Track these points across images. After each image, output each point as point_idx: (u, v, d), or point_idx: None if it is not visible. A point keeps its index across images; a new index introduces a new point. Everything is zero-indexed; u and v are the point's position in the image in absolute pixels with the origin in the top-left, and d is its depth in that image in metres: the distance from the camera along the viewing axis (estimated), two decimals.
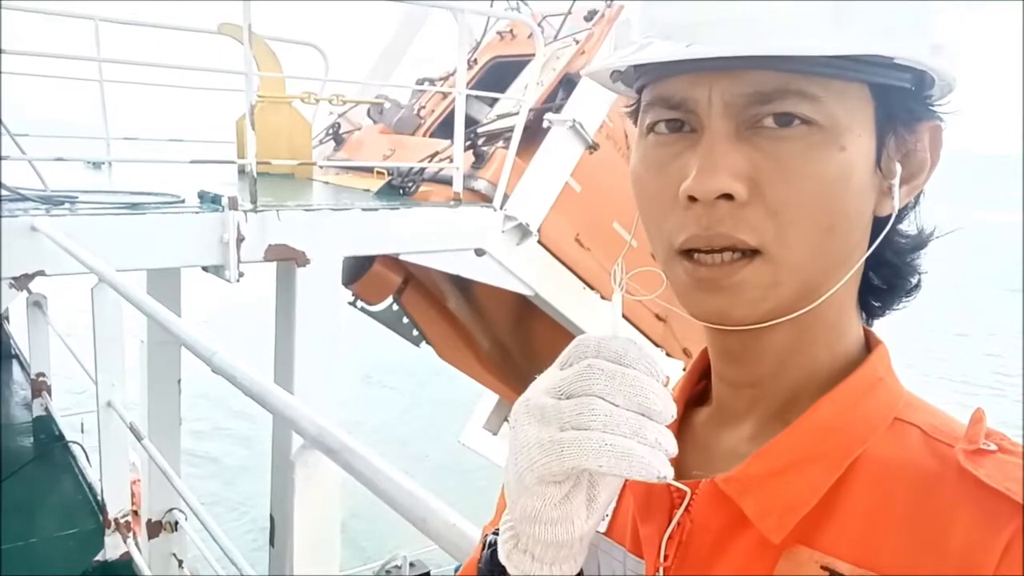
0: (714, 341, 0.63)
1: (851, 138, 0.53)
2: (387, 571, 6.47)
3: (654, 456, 0.46)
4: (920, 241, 0.62)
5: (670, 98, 0.55)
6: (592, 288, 4.35)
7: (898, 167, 0.56)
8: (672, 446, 0.47)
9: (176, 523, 4.08)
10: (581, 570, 0.54)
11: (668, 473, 0.46)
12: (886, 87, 0.54)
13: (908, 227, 0.61)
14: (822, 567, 0.51)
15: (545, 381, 0.50)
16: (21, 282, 2.76)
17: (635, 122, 0.62)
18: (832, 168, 0.52)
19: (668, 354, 4.73)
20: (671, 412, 0.48)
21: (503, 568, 0.52)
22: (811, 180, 0.52)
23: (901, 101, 0.55)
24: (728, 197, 0.52)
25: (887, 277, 0.62)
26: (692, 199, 0.53)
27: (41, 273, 2.75)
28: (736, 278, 0.54)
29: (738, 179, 0.52)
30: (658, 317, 4.76)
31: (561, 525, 0.49)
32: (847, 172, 0.53)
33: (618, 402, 0.47)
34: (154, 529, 4.04)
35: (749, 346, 0.59)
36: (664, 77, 0.55)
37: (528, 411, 0.49)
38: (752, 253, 0.53)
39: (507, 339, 5.27)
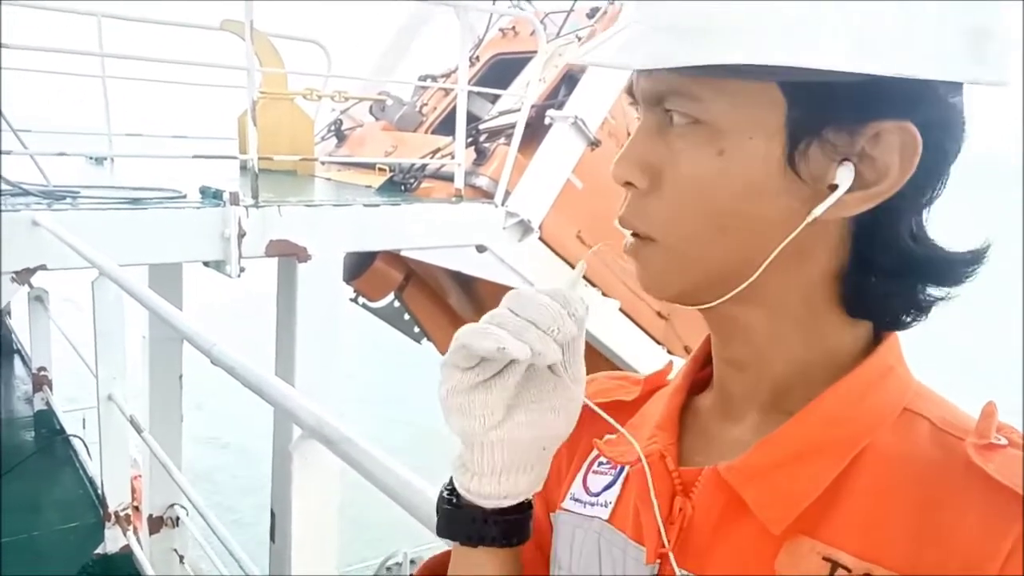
0: (704, 318, 0.63)
1: (735, 140, 0.52)
2: (387, 568, 6.47)
3: (512, 341, 0.52)
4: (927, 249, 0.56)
5: (630, 88, 0.60)
6: (593, 284, 4.35)
7: (842, 170, 0.52)
8: (543, 347, 0.53)
9: (177, 518, 4.09)
10: (530, 501, 0.61)
11: (514, 350, 0.52)
12: (805, 85, 0.50)
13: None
14: (824, 558, 0.50)
15: None
16: (23, 276, 2.76)
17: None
18: (706, 170, 0.53)
19: (670, 351, 4.73)
20: (556, 325, 0.54)
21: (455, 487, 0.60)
22: (688, 179, 0.54)
23: (832, 100, 0.50)
24: (632, 185, 0.57)
25: (886, 286, 0.56)
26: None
27: (43, 268, 2.75)
28: (639, 255, 0.59)
29: (640, 170, 0.56)
30: (659, 315, 4.76)
31: (465, 415, 0.55)
32: (724, 175, 0.53)
33: (516, 311, 0.54)
34: (155, 525, 4.05)
35: (727, 326, 0.61)
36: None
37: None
38: (648, 239, 0.57)
39: None
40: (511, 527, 0.60)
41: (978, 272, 0.55)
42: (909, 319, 0.57)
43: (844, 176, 0.52)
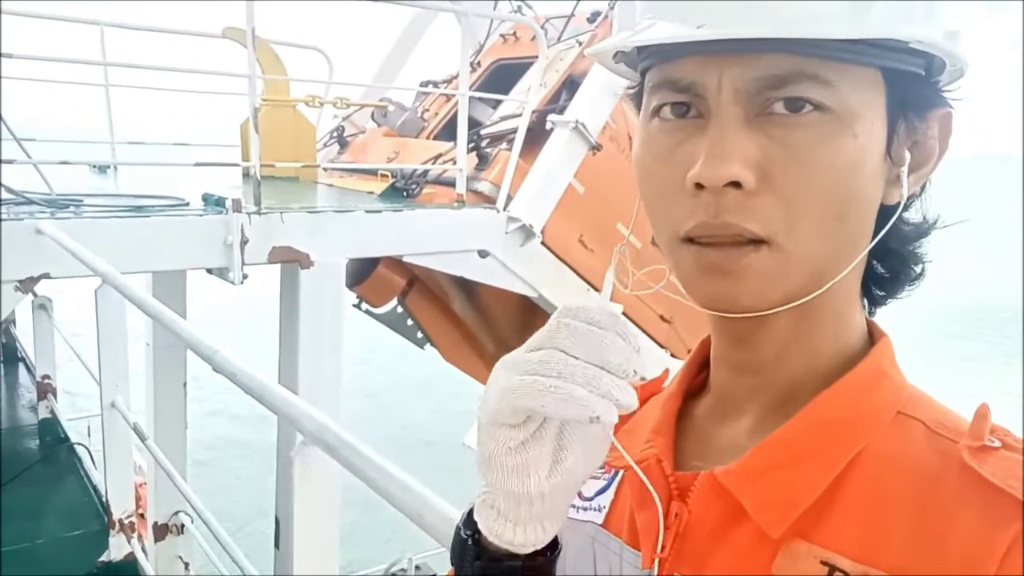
0: (718, 325, 0.62)
1: (864, 125, 0.52)
2: (392, 575, 6.45)
3: (598, 401, 0.46)
4: (924, 229, 0.61)
5: (677, 81, 0.54)
6: (596, 289, 4.35)
7: (907, 155, 0.55)
8: (626, 398, 0.47)
9: (182, 526, 4.08)
10: (557, 540, 0.53)
11: (605, 416, 0.46)
12: (899, 72, 0.53)
13: (913, 215, 0.60)
14: (821, 562, 0.50)
15: (528, 340, 0.50)
16: (26, 285, 2.77)
17: (637, 105, 0.61)
18: (845, 156, 0.51)
19: (673, 355, 4.72)
20: (632, 367, 0.48)
21: (477, 528, 0.52)
22: (824, 168, 0.51)
23: (913, 87, 0.54)
24: (737, 185, 0.51)
25: (892, 266, 0.61)
26: (700, 186, 0.52)
27: (46, 276, 2.75)
28: (743, 263, 0.53)
29: (748, 166, 0.51)
30: (663, 318, 4.75)
31: (516, 474, 0.49)
32: (859, 160, 0.52)
33: (579, 355, 0.47)
34: (160, 532, 4.04)
35: (754, 331, 0.58)
36: (671, 59, 0.54)
37: (502, 363, 0.50)
38: (759, 242, 0.52)
39: (512, 341, 5.26)
40: (547, 568, 0.54)
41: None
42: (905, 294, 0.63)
43: (908, 159, 0.56)
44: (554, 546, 0.53)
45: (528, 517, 0.50)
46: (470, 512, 0.54)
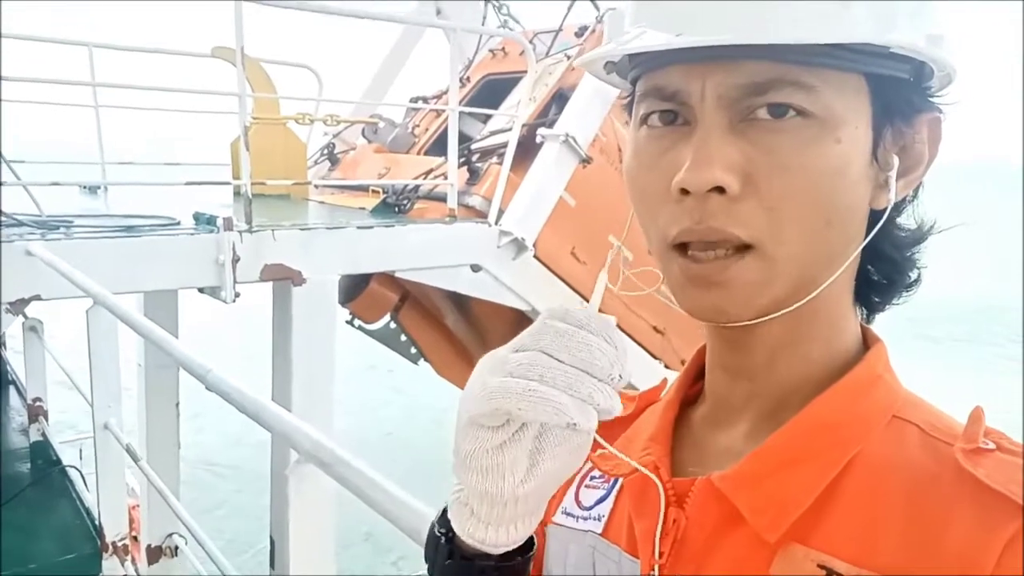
0: (712, 330, 0.63)
1: (847, 130, 0.52)
2: None
3: (575, 405, 0.46)
4: (920, 235, 0.61)
5: (663, 89, 0.55)
6: (589, 302, 4.35)
7: (895, 160, 0.56)
8: (606, 402, 0.47)
9: (176, 548, 4.04)
10: (532, 540, 0.54)
11: (583, 422, 0.46)
12: (883, 78, 0.53)
13: (907, 221, 0.60)
14: (818, 565, 0.50)
15: (514, 340, 0.51)
16: (17, 307, 2.75)
17: (630, 114, 0.61)
18: (828, 161, 0.52)
19: (666, 366, 4.72)
20: (616, 371, 0.48)
21: (451, 526, 0.53)
22: (806, 173, 0.51)
23: (899, 92, 0.54)
24: (720, 190, 0.51)
25: (886, 272, 0.62)
26: (684, 192, 0.52)
27: (37, 298, 2.74)
28: (728, 274, 0.53)
29: (731, 172, 0.51)
30: (656, 329, 4.76)
31: (491, 476, 0.49)
32: (843, 165, 0.52)
33: (562, 358, 0.47)
34: (154, 555, 4.00)
35: (746, 336, 0.59)
36: (657, 68, 0.55)
37: (486, 362, 0.50)
38: (744, 248, 0.53)
39: None
40: (520, 569, 0.54)
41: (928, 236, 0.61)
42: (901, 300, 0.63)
43: (896, 164, 0.56)
44: (528, 547, 0.54)
45: (501, 519, 0.50)
46: (444, 510, 0.55)
